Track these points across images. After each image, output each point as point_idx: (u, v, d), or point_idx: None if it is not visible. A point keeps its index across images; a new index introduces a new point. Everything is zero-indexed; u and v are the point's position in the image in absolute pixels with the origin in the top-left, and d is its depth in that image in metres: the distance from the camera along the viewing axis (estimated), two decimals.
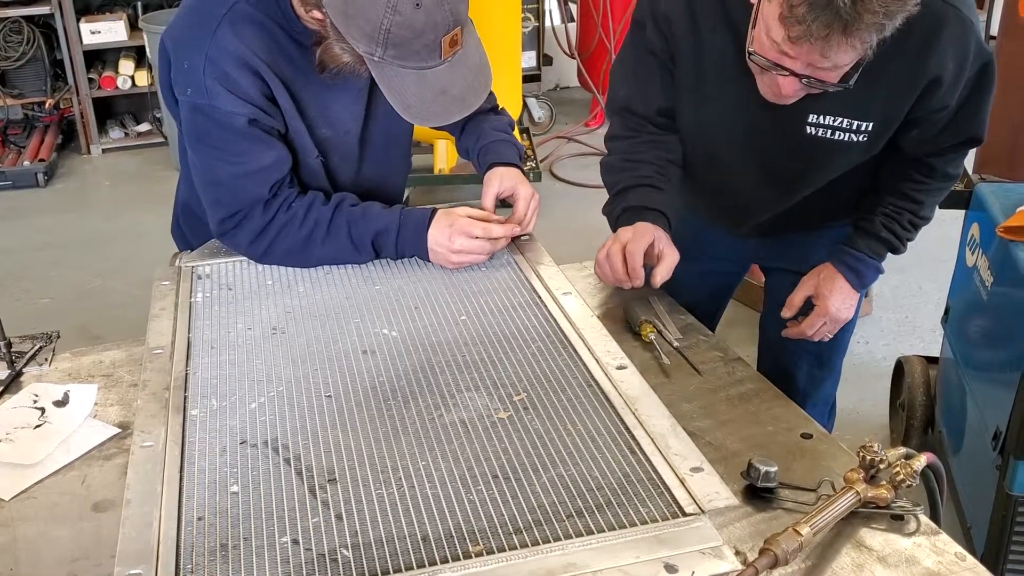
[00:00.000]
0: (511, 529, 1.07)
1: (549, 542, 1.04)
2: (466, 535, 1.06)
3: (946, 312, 2.70)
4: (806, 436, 1.33)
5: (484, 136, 1.80)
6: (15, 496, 1.30)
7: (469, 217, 1.65)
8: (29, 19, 5.11)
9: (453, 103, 1.47)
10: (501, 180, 1.75)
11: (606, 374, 1.33)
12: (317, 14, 1.45)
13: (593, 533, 1.05)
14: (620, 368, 1.34)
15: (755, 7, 1.43)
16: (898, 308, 3.74)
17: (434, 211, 1.66)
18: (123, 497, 1.14)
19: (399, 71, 1.42)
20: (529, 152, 4.65)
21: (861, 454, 1.17)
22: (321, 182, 1.71)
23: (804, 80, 1.42)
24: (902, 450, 1.22)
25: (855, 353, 3.51)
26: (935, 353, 2.84)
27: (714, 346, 1.56)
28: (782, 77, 1.42)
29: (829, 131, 1.61)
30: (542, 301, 1.54)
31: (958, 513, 2.51)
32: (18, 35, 5.11)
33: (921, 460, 1.21)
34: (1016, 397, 2.08)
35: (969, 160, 2.73)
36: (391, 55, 1.39)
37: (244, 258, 1.71)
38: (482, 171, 1.79)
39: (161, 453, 1.21)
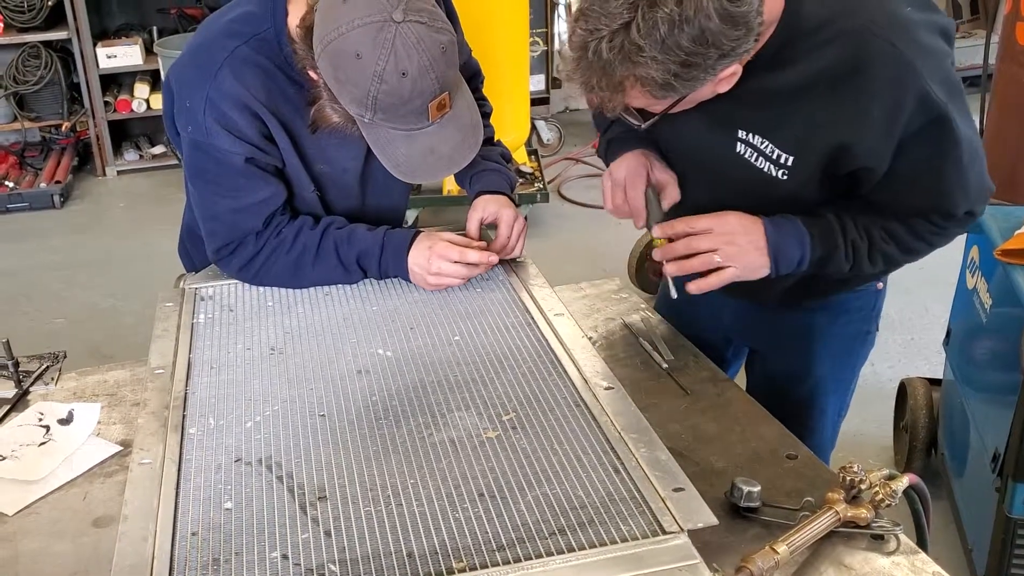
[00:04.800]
0: (495, 546, 1.09)
1: (531, 559, 1.07)
2: (450, 552, 1.09)
3: (948, 334, 2.71)
4: (791, 457, 1.35)
5: (475, 166, 1.83)
6: (18, 511, 1.34)
7: (449, 242, 1.68)
8: (47, 44, 5.21)
9: (441, 162, 1.52)
10: (485, 206, 1.78)
11: (594, 394, 1.36)
12: (313, 74, 1.50)
13: (574, 551, 1.08)
14: (608, 389, 1.37)
15: None
16: (903, 330, 3.74)
17: (416, 233, 1.70)
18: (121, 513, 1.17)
19: (389, 132, 1.47)
20: (537, 173, 4.69)
21: (841, 475, 1.19)
22: (317, 212, 1.75)
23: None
24: (884, 471, 1.23)
25: (860, 375, 3.51)
26: (940, 375, 2.85)
27: (704, 367, 1.58)
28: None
29: (754, 154, 1.50)
30: (534, 322, 1.57)
31: (960, 535, 2.52)
32: (36, 59, 5.21)
33: (903, 481, 1.23)
34: (1014, 419, 2.09)
35: None
36: (380, 118, 1.44)
37: None
38: (471, 199, 1.83)
39: (158, 470, 1.24)
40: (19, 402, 1.59)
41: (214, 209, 1.68)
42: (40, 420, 1.52)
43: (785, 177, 1.48)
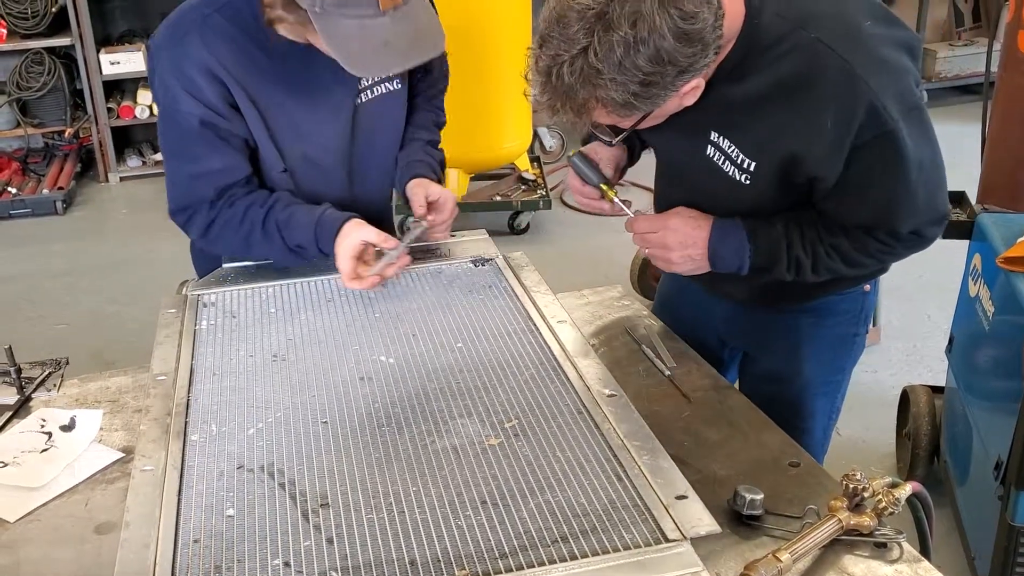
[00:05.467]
0: (497, 554, 1.09)
1: (533, 567, 1.07)
2: (452, 559, 1.09)
3: (950, 342, 2.71)
4: (794, 464, 1.35)
5: (413, 155, 1.89)
6: (20, 518, 1.33)
7: (364, 242, 1.67)
8: (50, 50, 5.22)
9: (396, 56, 1.52)
10: (428, 187, 1.82)
11: (596, 402, 1.36)
12: None
13: (577, 558, 1.08)
14: (610, 396, 1.37)
15: None
16: (906, 337, 3.74)
17: (345, 221, 1.69)
18: (123, 520, 1.17)
19: (341, 22, 1.47)
20: (540, 180, 4.71)
21: (844, 482, 1.19)
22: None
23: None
24: (887, 479, 1.23)
25: (862, 382, 3.50)
26: (942, 383, 2.85)
27: (706, 374, 1.58)
28: None
29: (722, 158, 1.53)
30: (537, 329, 1.57)
31: (963, 543, 2.51)
32: (40, 66, 5.22)
33: (906, 489, 1.22)
34: (1017, 427, 2.09)
35: (972, 190, 2.76)
36: (331, 4, 1.45)
37: (249, 286, 1.75)
38: (402, 184, 1.87)
39: (160, 477, 1.24)
40: (21, 408, 1.59)
41: (174, 174, 1.72)
42: (42, 427, 1.52)
43: (748, 182, 1.51)
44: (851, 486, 1.19)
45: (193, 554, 1.11)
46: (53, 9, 5.09)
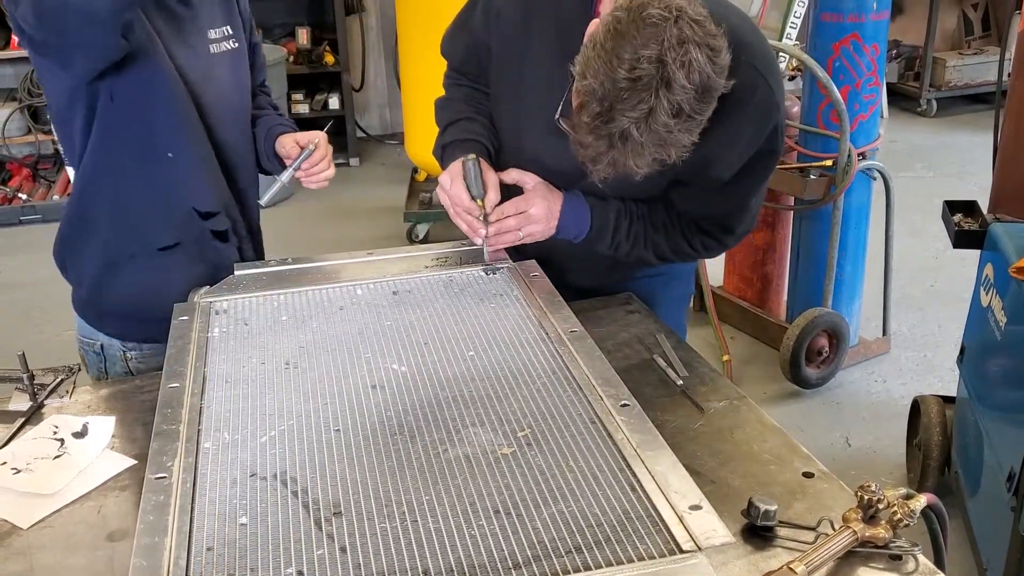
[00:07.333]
0: (510, 564, 1.09)
1: None
2: (466, 570, 1.08)
3: (962, 352, 2.70)
4: (807, 475, 1.34)
5: (269, 123, 2.00)
6: (33, 525, 1.33)
7: None
8: None
9: None
10: (296, 134, 1.95)
11: (609, 411, 1.35)
12: None
13: (591, 569, 1.07)
14: (624, 406, 1.36)
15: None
16: (916, 347, 3.73)
17: None
18: (136, 527, 1.17)
19: None
20: None
21: (859, 494, 1.18)
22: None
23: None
24: (901, 490, 1.23)
25: (872, 392, 3.50)
26: (953, 393, 2.84)
27: (719, 384, 1.58)
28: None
29: None
30: (549, 337, 1.57)
31: (975, 554, 2.50)
32: None
33: (921, 500, 1.22)
34: None
35: (983, 200, 2.75)
36: None
37: (260, 294, 1.76)
38: (271, 143, 1.97)
39: (174, 485, 1.24)
40: (34, 415, 1.59)
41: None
42: (55, 433, 1.52)
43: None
44: (866, 497, 1.18)
45: (207, 562, 1.11)
46: None
